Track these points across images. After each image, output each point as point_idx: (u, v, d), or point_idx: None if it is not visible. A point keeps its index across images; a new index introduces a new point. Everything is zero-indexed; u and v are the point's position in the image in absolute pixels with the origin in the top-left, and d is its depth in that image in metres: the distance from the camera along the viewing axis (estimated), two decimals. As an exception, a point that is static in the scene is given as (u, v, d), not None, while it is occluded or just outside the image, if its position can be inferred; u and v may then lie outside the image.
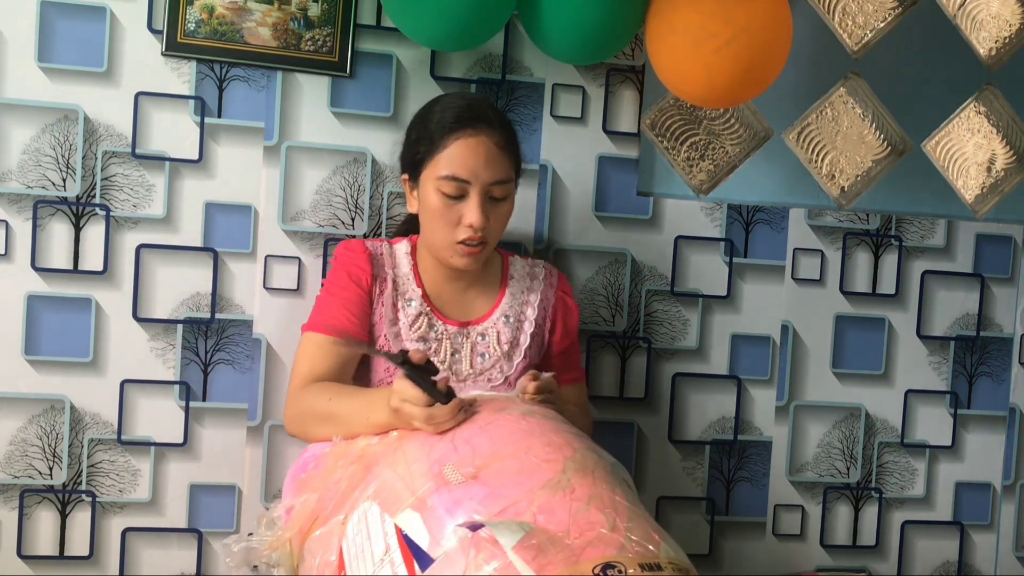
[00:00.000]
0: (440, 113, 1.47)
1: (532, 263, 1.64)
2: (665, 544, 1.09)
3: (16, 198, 1.66)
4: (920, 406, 2.02)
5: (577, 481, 1.13)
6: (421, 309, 1.52)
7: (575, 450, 1.19)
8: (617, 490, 1.15)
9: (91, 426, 1.71)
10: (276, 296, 1.74)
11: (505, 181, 1.47)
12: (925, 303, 2.01)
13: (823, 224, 1.96)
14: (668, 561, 1.06)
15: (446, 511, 1.11)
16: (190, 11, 1.67)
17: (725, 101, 1.64)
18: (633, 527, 1.09)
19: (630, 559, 1.03)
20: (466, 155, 1.43)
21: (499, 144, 1.46)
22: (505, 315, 1.57)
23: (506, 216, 1.51)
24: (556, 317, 1.62)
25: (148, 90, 1.69)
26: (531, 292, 1.60)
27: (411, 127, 1.54)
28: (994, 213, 2.03)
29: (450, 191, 1.44)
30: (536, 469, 1.14)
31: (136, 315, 1.71)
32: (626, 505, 1.13)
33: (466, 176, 1.44)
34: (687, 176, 1.90)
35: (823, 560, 2.00)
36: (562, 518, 1.07)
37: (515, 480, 1.12)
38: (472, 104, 1.48)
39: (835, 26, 1.90)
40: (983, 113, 1.98)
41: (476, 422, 1.25)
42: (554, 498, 1.10)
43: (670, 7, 1.53)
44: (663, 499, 1.92)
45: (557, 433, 1.24)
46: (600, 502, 1.10)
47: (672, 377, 1.91)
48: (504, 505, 1.09)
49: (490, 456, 1.17)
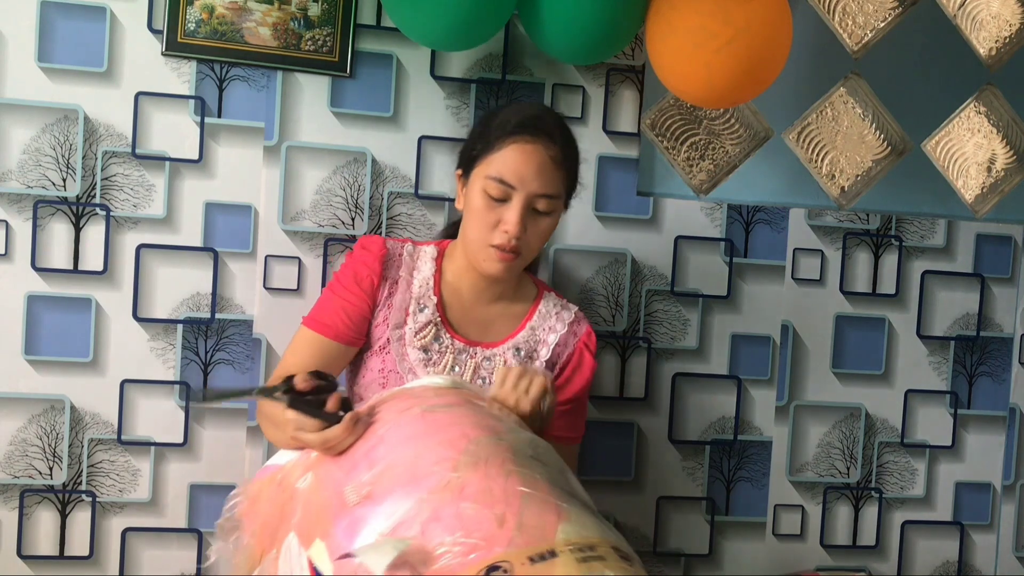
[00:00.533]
0: (505, 115, 1.45)
1: (565, 305, 1.58)
2: (566, 524, 1.03)
3: (16, 198, 1.67)
4: (920, 406, 2.02)
5: (468, 477, 1.07)
6: (432, 318, 1.49)
7: (470, 440, 1.13)
8: (513, 475, 1.08)
9: (91, 426, 1.71)
10: (276, 296, 1.74)
11: (552, 196, 1.43)
12: (925, 303, 2.01)
13: (823, 224, 1.96)
14: (567, 543, 1.00)
15: (345, 536, 1.06)
16: (190, 11, 1.67)
17: (725, 101, 1.64)
18: (527, 515, 1.02)
19: (518, 553, 0.97)
20: (518, 160, 1.40)
21: (554, 158, 1.42)
22: (518, 347, 1.52)
23: (546, 232, 1.46)
24: (567, 367, 1.54)
25: (148, 90, 1.69)
26: (551, 333, 1.54)
27: (476, 124, 1.52)
28: (994, 213, 2.03)
29: (495, 193, 1.41)
30: (427, 475, 1.08)
31: (136, 315, 1.71)
32: (521, 491, 1.05)
33: (513, 181, 1.40)
34: (687, 176, 1.90)
35: (823, 560, 2.00)
36: (450, 523, 1.01)
37: (405, 491, 1.07)
38: (539, 114, 1.45)
39: (835, 26, 1.90)
40: (983, 113, 1.98)
41: (376, 431, 1.19)
42: (443, 503, 1.04)
43: (670, 7, 1.53)
44: (663, 499, 1.92)
45: (457, 426, 1.16)
46: (489, 497, 1.04)
47: (672, 377, 1.91)
48: (396, 521, 1.03)
49: (385, 468, 1.11)
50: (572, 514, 1.05)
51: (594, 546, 1.01)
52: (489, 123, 1.46)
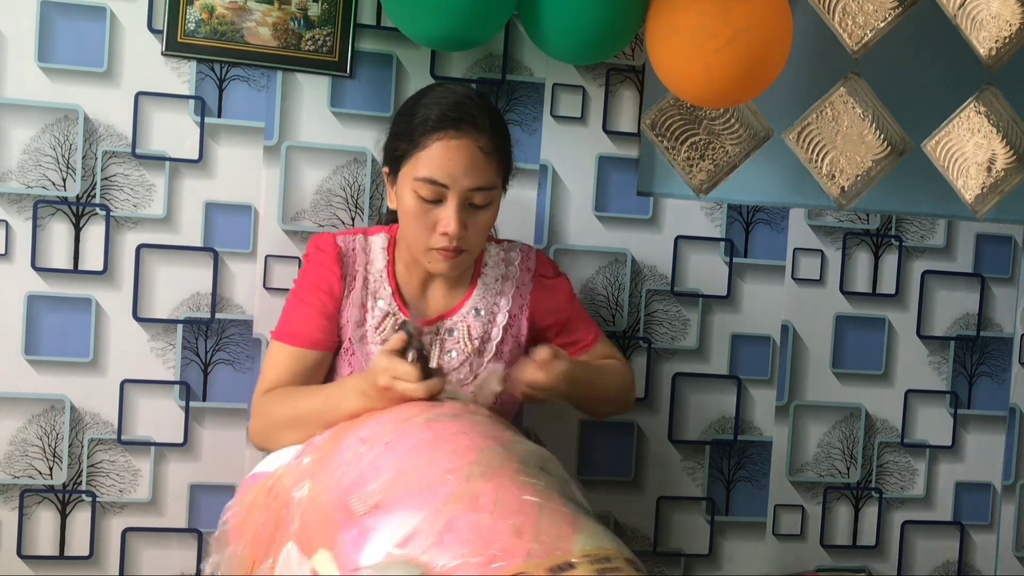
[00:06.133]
0: (425, 109, 1.37)
1: (507, 247, 1.54)
2: (581, 535, 1.02)
3: (16, 198, 1.67)
4: (920, 406, 2.02)
5: (481, 488, 1.05)
6: (389, 308, 1.45)
7: (480, 451, 1.12)
8: (526, 487, 1.07)
9: (91, 426, 1.71)
10: (276, 296, 1.74)
11: (487, 188, 1.37)
12: (925, 303, 2.01)
13: (823, 224, 1.96)
14: (583, 555, 0.99)
15: (353, 546, 1.04)
16: (190, 11, 1.67)
17: (725, 101, 1.64)
18: (543, 526, 1.02)
19: (537, 565, 0.96)
20: (445, 158, 1.34)
21: (484, 149, 1.36)
22: (476, 308, 1.48)
23: (487, 224, 1.41)
24: (538, 303, 1.52)
25: (148, 90, 1.69)
26: (505, 281, 1.50)
27: (396, 118, 1.45)
28: (994, 213, 2.03)
29: (426, 194, 1.35)
30: (439, 484, 1.06)
31: (136, 315, 1.71)
32: (535, 502, 1.05)
33: (444, 180, 1.34)
34: (687, 176, 1.90)
35: (823, 560, 2.00)
36: (465, 536, 1.00)
37: (417, 501, 1.05)
38: (460, 103, 1.37)
39: (835, 26, 1.90)
40: (983, 113, 1.98)
41: (381, 438, 1.17)
42: (457, 514, 1.02)
43: (670, 7, 1.53)
44: (663, 499, 1.92)
45: (465, 435, 1.15)
46: (504, 508, 1.03)
47: (672, 377, 1.91)
48: (407, 532, 1.02)
49: (393, 477, 1.09)
50: (586, 525, 1.05)
51: (610, 558, 1.01)
52: (410, 119, 1.38)
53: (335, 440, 1.23)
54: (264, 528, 1.21)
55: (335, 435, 1.25)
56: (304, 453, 1.26)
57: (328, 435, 1.27)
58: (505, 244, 1.55)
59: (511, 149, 1.45)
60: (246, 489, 1.34)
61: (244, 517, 1.27)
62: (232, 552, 1.25)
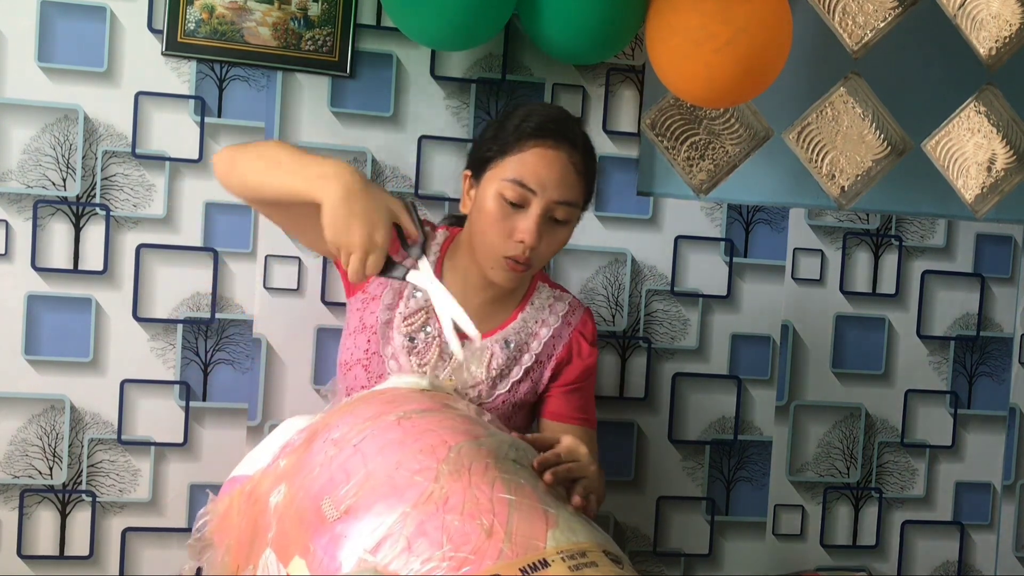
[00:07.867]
0: (523, 118, 1.36)
1: (559, 295, 1.50)
2: (555, 531, 1.01)
3: (16, 198, 1.67)
4: (920, 406, 2.02)
5: (451, 486, 1.04)
6: (424, 305, 1.42)
7: (450, 448, 1.10)
8: (498, 482, 1.06)
9: (91, 426, 1.71)
10: (276, 296, 1.74)
11: (571, 204, 1.35)
12: (925, 303, 2.01)
13: (823, 224, 1.96)
14: (557, 551, 0.98)
15: (325, 553, 1.03)
16: (190, 11, 1.67)
17: (725, 101, 1.64)
18: (515, 524, 1.00)
19: (509, 565, 0.95)
20: (540, 165, 1.32)
21: (576, 166, 1.34)
22: (506, 339, 1.44)
23: (560, 243, 1.38)
24: (563, 360, 1.47)
25: (148, 90, 1.69)
26: (544, 325, 1.46)
27: (487, 126, 1.43)
28: (994, 213, 2.03)
29: (512, 196, 1.32)
30: (407, 486, 1.05)
31: (136, 315, 1.71)
32: (506, 499, 1.03)
33: (533, 185, 1.32)
34: (687, 176, 1.90)
35: (823, 560, 2.00)
36: (437, 537, 0.99)
37: (387, 505, 1.04)
38: (560, 118, 1.37)
39: (835, 26, 1.90)
40: (983, 113, 1.98)
41: (350, 441, 1.15)
42: (427, 516, 1.01)
43: (670, 7, 1.53)
44: (663, 499, 1.92)
45: (434, 432, 1.13)
46: (475, 507, 1.02)
47: (672, 377, 1.92)
48: (379, 538, 1.00)
49: (363, 481, 1.08)
50: (560, 519, 1.04)
51: (585, 552, 1.00)
52: (504, 125, 1.37)
53: (308, 443, 1.22)
54: (243, 534, 1.19)
55: (309, 437, 1.24)
56: (281, 456, 1.25)
57: (303, 437, 1.26)
58: (557, 291, 1.51)
59: (596, 177, 1.43)
60: (223, 494, 1.33)
61: (219, 524, 1.26)
62: (213, 558, 1.24)
